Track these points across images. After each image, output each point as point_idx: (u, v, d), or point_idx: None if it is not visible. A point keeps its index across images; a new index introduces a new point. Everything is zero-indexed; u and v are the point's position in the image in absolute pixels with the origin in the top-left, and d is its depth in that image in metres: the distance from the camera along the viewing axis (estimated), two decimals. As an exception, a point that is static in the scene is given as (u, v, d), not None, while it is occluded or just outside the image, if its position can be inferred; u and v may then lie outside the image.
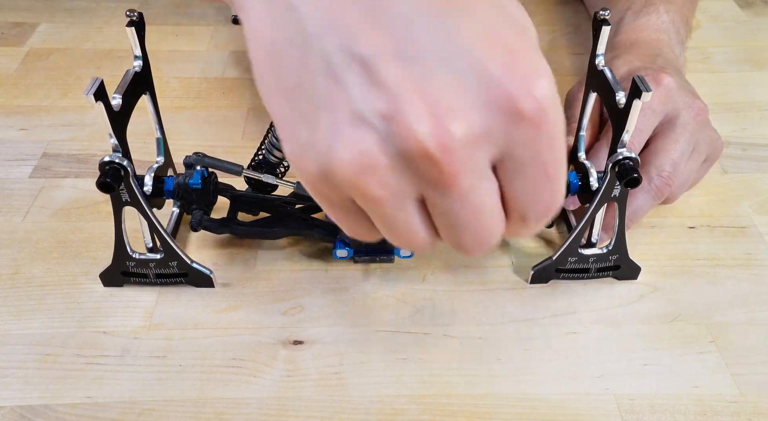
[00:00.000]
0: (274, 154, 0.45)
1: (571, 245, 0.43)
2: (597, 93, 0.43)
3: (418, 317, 0.43)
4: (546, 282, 0.45)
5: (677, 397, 0.39)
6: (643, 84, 0.37)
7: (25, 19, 0.71)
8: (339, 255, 0.45)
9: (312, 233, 0.45)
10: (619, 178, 0.40)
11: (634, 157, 0.39)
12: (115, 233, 0.42)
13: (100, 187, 0.38)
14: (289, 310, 0.43)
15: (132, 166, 0.39)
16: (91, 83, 0.35)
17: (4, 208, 0.50)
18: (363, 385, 0.39)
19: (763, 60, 0.67)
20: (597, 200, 0.41)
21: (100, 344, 0.41)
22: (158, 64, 0.65)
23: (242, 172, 0.44)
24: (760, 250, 0.48)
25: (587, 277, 0.45)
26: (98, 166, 0.38)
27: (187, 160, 0.43)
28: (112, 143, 0.38)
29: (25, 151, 0.55)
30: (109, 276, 0.44)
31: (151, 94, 0.44)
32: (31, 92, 0.61)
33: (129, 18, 0.40)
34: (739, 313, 0.44)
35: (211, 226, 0.44)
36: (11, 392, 0.39)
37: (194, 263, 0.43)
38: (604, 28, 0.42)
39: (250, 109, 0.60)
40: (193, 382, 0.39)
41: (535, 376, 0.40)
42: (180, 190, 0.43)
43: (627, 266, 0.45)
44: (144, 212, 0.41)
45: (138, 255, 0.43)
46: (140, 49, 0.41)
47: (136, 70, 0.41)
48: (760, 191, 0.52)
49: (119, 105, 0.38)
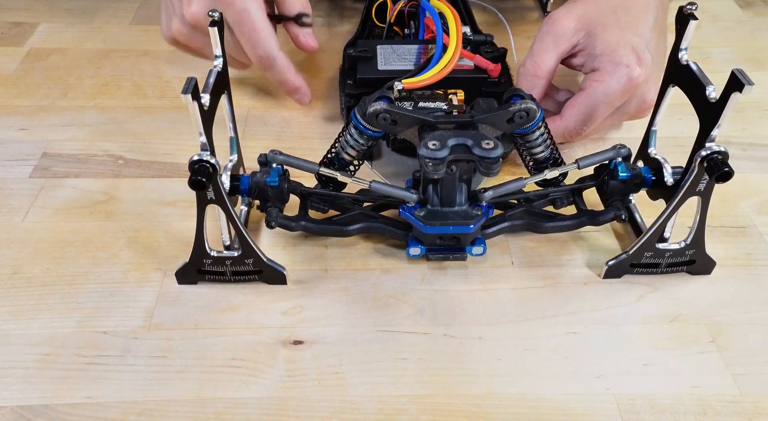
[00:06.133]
0: (347, 152, 0.45)
1: (649, 240, 0.43)
2: (680, 87, 0.43)
3: (418, 317, 0.43)
4: (619, 277, 0.45)
5: (677, 397, 0.39)
6: (744, 77, 0.37)
7: (25, 19, 0.71)
8: (412, 253, 0.45)
9: (383, 230, 0.46)
10: (710, 173, 0.39)
11: (723, 151, 0.39)
12: (196, 231, 0.42)
13: (191, 186, 0.38)
14: (289, 310, 0.43)
15: (219, 164, 0.39)
16: (186, 83, 0.36)
17: (4, 208, 0.50)
18: (363, 385, 0.39)
19: (763, 60, 0.67)
20: (681, 194, 0.41)
21: (100, 344, 0.41)
22: (158, 64, 0.65)
23: (318, 170, 0.44)
24: (760, 250, 0.48)
25: (660, 272, 0.45)
26: (188, 166, 0.38)
27: (262, 158, 0.44)
28: (201, 142, 0.38)
29: (25, 151, 0.55)
30: (186, 274, 0.44)
31: (228, 94, 0.44)
32: (31, 92, 0.61)
33: (211, 18, 0.41)
34: (739, 313, 0.44)
35: (286, 223, 0.45)
36: (11, 392, 0.39)
37: (269, 261, 0.43)
38: (692, 23, 0.41)
39: (250, 109, 0.60)
40: (193, 382, 0.39)
41: (535, 376, 0.40)
42: (257, 188, 0.44)
43: (703, 261, 0.45)
44: (227, 209, 0.41)
45: (216, 253, 0.43)
46: (221, 48, 0.42)
47: (218, 69, 0.41)
48: (760, 191, 0.52)
49: (207, 104, 0.38)
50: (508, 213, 0.46)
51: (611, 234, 0.49)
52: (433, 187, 0.43)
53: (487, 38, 0.55)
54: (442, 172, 0.40)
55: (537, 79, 0.51)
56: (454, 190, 0.43)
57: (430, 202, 0.43)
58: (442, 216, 0.43)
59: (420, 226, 0.43)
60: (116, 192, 0.51)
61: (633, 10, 0.51)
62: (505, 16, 0.67)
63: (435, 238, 0.44)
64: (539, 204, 0.47)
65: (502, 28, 0.65)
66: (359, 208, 0.46)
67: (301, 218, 0.45)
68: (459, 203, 0.43)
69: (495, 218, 0.46)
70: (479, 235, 0.45)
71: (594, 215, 0.46)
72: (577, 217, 0.46)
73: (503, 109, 0.41)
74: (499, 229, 0.46)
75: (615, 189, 0.45)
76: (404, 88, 0.45)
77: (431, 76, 0.47)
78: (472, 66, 0.52)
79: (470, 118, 0.41)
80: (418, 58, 0.53)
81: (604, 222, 0.46)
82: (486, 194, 0.43)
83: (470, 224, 0.43)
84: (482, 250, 0.45)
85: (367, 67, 0.52)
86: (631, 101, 0.51)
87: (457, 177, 0.42)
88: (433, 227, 0.43)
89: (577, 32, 0.50)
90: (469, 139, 0.40)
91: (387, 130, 0.43)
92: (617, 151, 0.44)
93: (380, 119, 0.41)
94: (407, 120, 0.42)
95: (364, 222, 0.46)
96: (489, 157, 0.39)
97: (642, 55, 0.48)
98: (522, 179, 0.44)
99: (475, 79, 0.51)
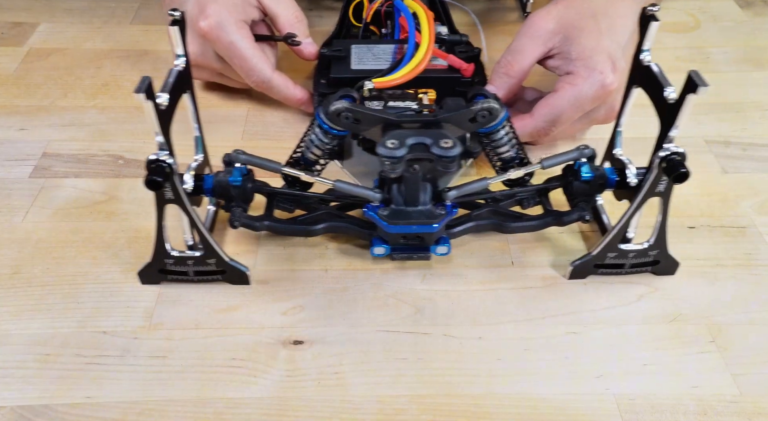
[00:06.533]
0: (312, 151, 0.45)
1: (612, 241, 0.43)
2: (642, 88, 0.43)
3: (418, 317, 0.43)
4: (584, 277, 0.45)
5: (677, 397, 0.39)
6: (700, 78, 0.37)
7: (25, 19, 0.71)
8: (376, 253, 0.45)
9: (348, 230, 0.46)
10: (667, 174, 0.40)
11: (681, 152, 0.39)
12: (156, 231, 0.42)
13: (148, 185, 0.38)
14: (289, 310, 0.43)
15: (176, 164, 0.39)
16: (140, 82, 0.35)
17: (4, 208, 0.50)
18: (363, 385, 0.39)
19: (763, 60, 0.67)
20: (642, 195, 0.41)
21: (100, 344, 0.41)
22: (158, 64, 0.65)
23: (281, 170, 0.44)
24: (760, 250, 0.48)
25: (625, 272, 0.45)
26: (145, 165, 0.38)
27: (226, 158, 0.44)
28: (158, 141, 0.38)
29: (25, 151, 0.55)
30: (148, 273, 0.44)
31: (191, 93, 0.44)
32: (31, 92, 0.61)
33: (172, 17, 0.41)
34: (739, 313, 0.44)
35: (249, 223, 0.45)
36: (11, 392, 0.39)
37: (232, 261, 0.43)
38: (653, 24, 0.41)
39: (250, 109, 0.60)
40: (193, 382, 0.39)
41: (535, 376, 0.40)
42: (219, 188, 0.43)
43: (666, 262, 0.45)
44: (186, 209, 0.41)
45: (177, 253, 0.43)
46: (182, 47, 0.42)
47: (179, 68, 0.41)
48: (760, 191, 0.52)
49: (165, 103, 0.38)
50: (474, 213, 0.46)
51: (579, 235, 0.49)
52: (398, 186, 0.43)
53: (462, 38, 0.55)
54: (400, 171, 0.40)
55: (509, 78, 0.51)
56: (418, 190, 0.43)
57: (394, 201, 0.43)
58: (406, 215, 0.43)
59: (383, 225, 0.43)
60: (116, 192, 0.51)
61: (613, 15, 0.51)
62: (486, 17, 0.67)
63: (399, 237, 0.44)
64: (506, 204, 0.47)
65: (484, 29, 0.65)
66: (325, 207, 0.46)
67: (266, 218, 0.45)
68: (423, 203, 0.43)
69: (461, 217, 0.46)
70: (444, 234, 0.45)
71: (559, 216, 0.46)
72: (542, 217, 0.46)
73: (465, 109, 0.41)
74: (464, 228, 0.46)
75: (579, 190, 0.45)
76: (375, 87, 0.45)
77: (402, 75, 0.47)
78: (446, 66, 0.52)
79: (432, 118, 0.41)
80: (392, 58, 0.53)
81: (569, 222, 0.46)
82: (450, 194, 0.43)
83: (434, 223, 0.43)
84: (447, 249, 0.45)
85: (340, 66, 0.52)
86: (600, 108, 0.51)
87: (420, 176, 0.42)
88: (396, 226, 0.43)
89: (554, 35, 0.50)
90: (428, 138, 0.40)
91: (350, 129, 0.42)
92: (581, 151, 0.44)
93: (342, 118, 0.41)
94: (369, 119, 0.41)
95: (330, 222, 0.45)
96: (447, 155, 0.39)
97: (617, 63, 0.49)
98: (486, 179, 0.44)
99: (448, 78, 0.51)
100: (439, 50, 0.51)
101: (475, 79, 0.52)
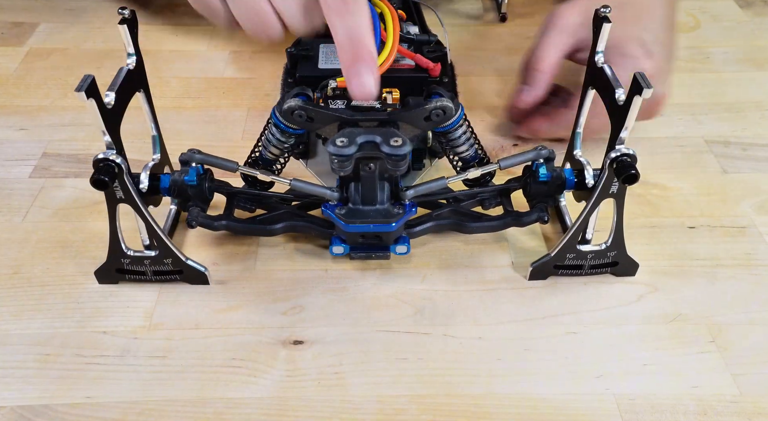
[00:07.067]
0: (270, 151, 0.45)
1: (569, 242, 0.43)
2: (596, 90, 0.43)
3: (418, 317, 0.43)
4: (545, 278, 0.45)
5: (677, 397, 0.39)
6: (644, 81, 0.37)
7: (25, 19, 0.71)
8: (335, 252, 0.45)
9: (308, 229, 0.45)
10: (618, 175, 0.40)
11: (631, 154, 0.40)
12: (110, 230, 0.42)
13: (93, 184, 0.38)
14: (289, 310, 0.43)
15: (126, 163, 0.39)
16: (82, 80, 0.35)
17: (4, 208, 0.50)
18: (363, 385, 0.39)
19: (763, 60, 0.67)
20: (595, 197, 0.41)
21: (99, 344, 0.41)
22: (158, 64, 0.65)
23: (237, 169, 0.44)
24: (760, 250, 0.48)
25: (585, 273, 0.45)
26: (92, 164, 0.38)
27: (182, 157, 0.43)
28: (106, 141, 0.38)
29: (25, 151, 0.55)
30: (104, 273, 0.44)
31: (146, 92, 0.44)
32: (31, 92, 0.61)
33: (121, 16, 0.40)
34: (739, 313, 0.44)
35: (207, 222, 0.44)
36: (11, 392, 0.39)
37: (189, 260, 0.43)
38: (605, 26, 0.42)
39: (249, 109, 0.60)
40: (193, 382, 0.39)
41: (535, 376, 0.40)
42: (176, 187, 0.43)
43: (625, 263, 0.45)
44: (138, 208, 0.41)
45: (133, 252, 0.43)
46: (133, 46, 0.41)
47: (129, 67, 0.41)
48: (760, 191, 0.52)
49: (112, 102, 0.38)
50: (435, 213, 0.46)
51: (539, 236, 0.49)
52: (355, 185, 0.43)
53: (431, 38, 0.54)
54: (349, 169, 0.40)
55: (540, 73, 0.51)
56: (375, 189, 0.43)
57: (351, 200, 0.43)
58: (363, 214, 0.43)
59: (341, 224, 0.43)
60: (116, 192, 0.51)
61: (639, 5, 0.50)
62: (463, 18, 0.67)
63: (357, 236, 0.44)
64: (468, 204, 0.47)
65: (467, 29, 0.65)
66: (286, 207, 0.46)
67: (224, 217, 0.45)
68: (380, 202, 0.43)
69: (421, 217, 0.46)
70: (404, 234, 0.45)
71: (518, 216, 0.46)
72: (502, 218, 0.46)
73: (419, 107, 0.41)
74: (424, 228, 0.45)
75: (538, 191, 0.45)
76: (339, 86, 0.45)
77: None
78: (413, 65, 0.51)
79: (386, 116, 0.41)
80: None
81: (528, 223, 0.46)
82: (407, 193, 0.43)
83: (391, 222, 0.43)
84: (406, 249, 0.45)
85: (307, 65, 0.52)
86: None
87: (377, 175, 0.42)
88: (353, 225, 0.43)
89: (582, 27, 0.50)
90: (378, 136, 0.39)
91: (304, 127, 0.42)
92: (538, 152, 0.44)
93: (296, 116, 0.41)
94: (322, 117, 0.41)
95: (289, 221, 0.45)
96: (396, 154, 0.39)
97: (651, 49, 0.48)
98: (443, 178, 0.44)
99: (414, 78, 0.50)
100: (405, 50, 0.50)
101: (444, 79, 0.52)
